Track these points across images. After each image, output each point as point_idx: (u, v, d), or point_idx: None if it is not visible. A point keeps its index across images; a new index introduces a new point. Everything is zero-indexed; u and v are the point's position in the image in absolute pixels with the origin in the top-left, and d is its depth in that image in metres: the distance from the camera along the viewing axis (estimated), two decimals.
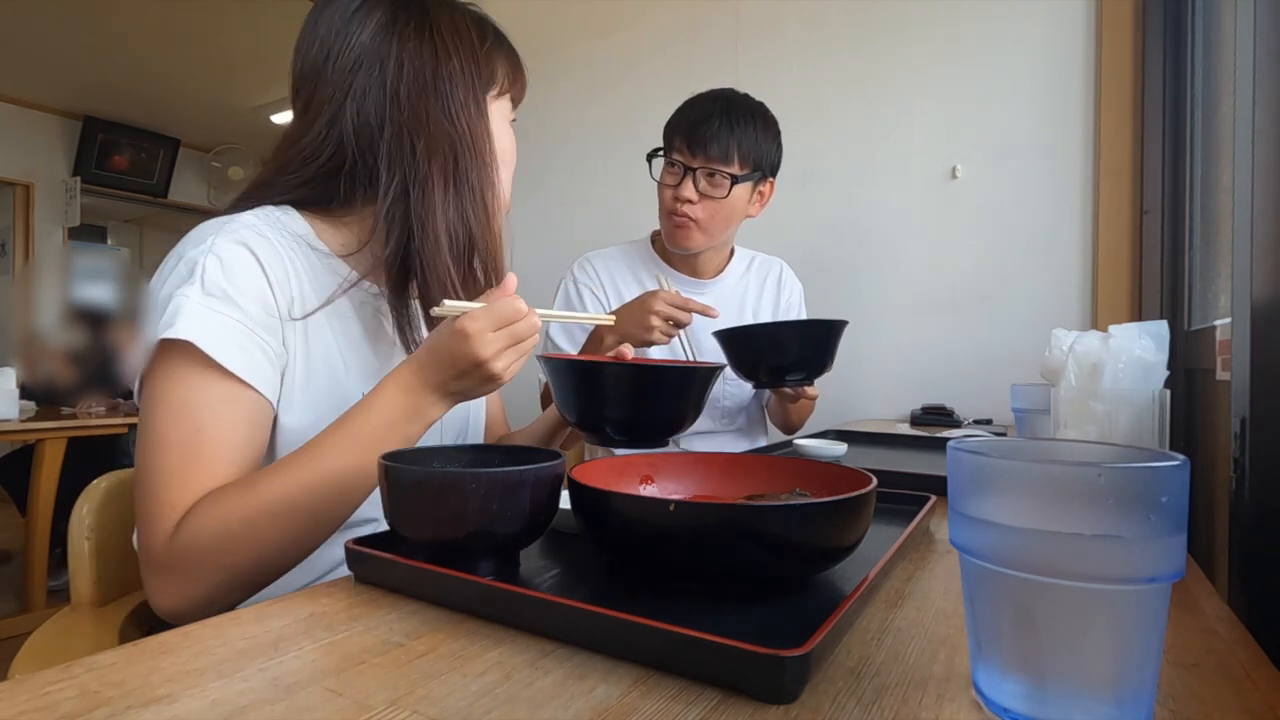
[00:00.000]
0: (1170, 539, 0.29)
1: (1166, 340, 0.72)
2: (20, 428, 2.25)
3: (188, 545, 0.57)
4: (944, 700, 0.35)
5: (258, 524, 0.57)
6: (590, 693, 0.35)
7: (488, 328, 0.59)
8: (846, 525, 0.46)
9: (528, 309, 0.60)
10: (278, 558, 0.60)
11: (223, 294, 0.62)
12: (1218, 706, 0.35)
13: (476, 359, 0.59)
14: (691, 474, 0.63)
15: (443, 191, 0.69)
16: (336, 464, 0.59)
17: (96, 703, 0.34)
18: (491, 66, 0.74)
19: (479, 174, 0.71)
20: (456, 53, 0.70)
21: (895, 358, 1.82)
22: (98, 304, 0.60)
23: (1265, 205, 0.58)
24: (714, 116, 1.19)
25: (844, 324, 1.06)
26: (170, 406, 0.60)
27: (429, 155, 0.68)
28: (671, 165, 1.24)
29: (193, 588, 0.58)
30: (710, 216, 1.23)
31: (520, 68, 0.78)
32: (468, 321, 0.59)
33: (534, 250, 2.31)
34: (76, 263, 0.62)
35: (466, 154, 0.70)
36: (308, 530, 0.60)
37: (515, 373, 0.63)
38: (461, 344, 0.59)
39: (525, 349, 0.62)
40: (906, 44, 1.81)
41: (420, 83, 0.69)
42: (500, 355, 0.60)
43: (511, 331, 0.60)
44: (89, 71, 4.05)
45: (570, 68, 2.30)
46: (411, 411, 0.61)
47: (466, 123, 0.70)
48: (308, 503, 0.58)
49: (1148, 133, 1.49)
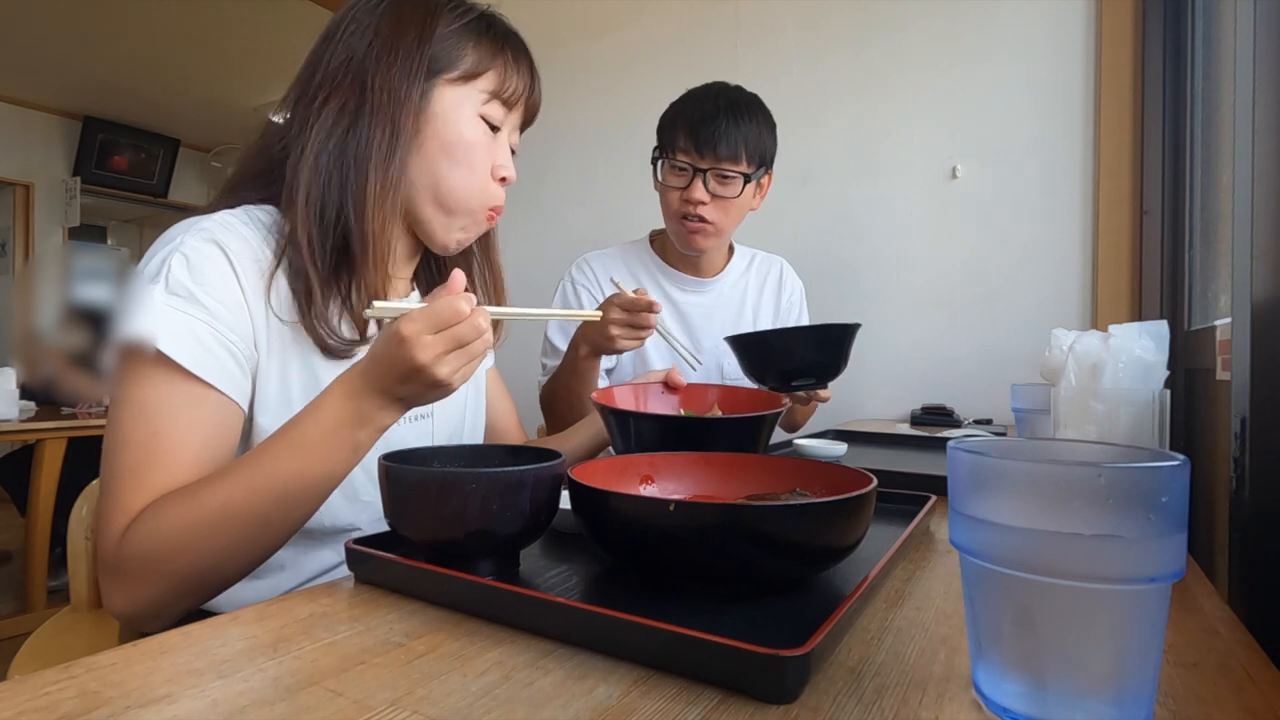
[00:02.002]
0: (1170, 539, 0.29)
1: (1166, 340, 0.71)
2: (20, 428, 2.25)
3: (133, 549, 0.56)
4: (944, 700, 0.35)
5: (200, 531, 0.55)
6: (590, 693, 0.35)
7: (424, 330, 0.53)
8: (846, 525, 0.46)
9: (470, 309, 0.54)
10: (224, 565, 0.58)
11: (187, 293, 0.60)
12: (1218, 706, 0.35)
13: (414, 364, 0.54)
14: (691, 474, 0.63)
15: (317, 151, 0.66)
16: (280, 471, 0.56)
17: (96, 703, 0.34)
18: (453, 48, 0.70)
19: (375, 140, 0.67)
20: (401, 27, 0.68)
21: (895, 358, 1.82)
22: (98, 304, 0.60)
23: (1265, 205, 0.58)
24: (719, 115, 1.16)
25: (857, 327, 1.04)
26: (131, 407, 0.59)
27: (319, 114, 0.67)
28: (678, 168, 1.20)
29: (139, 592, 0.56)
30: (722, 216, 1.22)
31: (505, 59, 0.73)
32: (403, 324, 0.54)
33: (533, 251, 2.31)
34: (76, 263, 0.62)
35: (366, 119, 0.67)
36: (252, 538, 0.57)
37: (466, 378, 0.57)
38: (398, 348, 0.54)
39: (474, 352, 0.56)
40: (907, 44, 1.81)
41: (349, 51, 0.68)
42: (441, 360, 0.54)
43: (452, 335, 0.54)
44: (89, 71, 4.05)
45: (570, 68, 2.30)
46: (356, 417, 0.57)
47: (381, 87, 0.67)
48: (250, 510, 0.56)
49: (1148, 133, 1.49)
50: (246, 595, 0.67)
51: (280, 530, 0.59)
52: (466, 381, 0.57)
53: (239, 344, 0.63)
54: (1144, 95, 1.50)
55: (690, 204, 1.20)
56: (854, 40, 1.88)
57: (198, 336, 0.60)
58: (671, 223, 1.26)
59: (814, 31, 1.94)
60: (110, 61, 3.92)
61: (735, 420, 0.76)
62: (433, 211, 0.72)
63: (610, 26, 2.27)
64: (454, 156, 0.71)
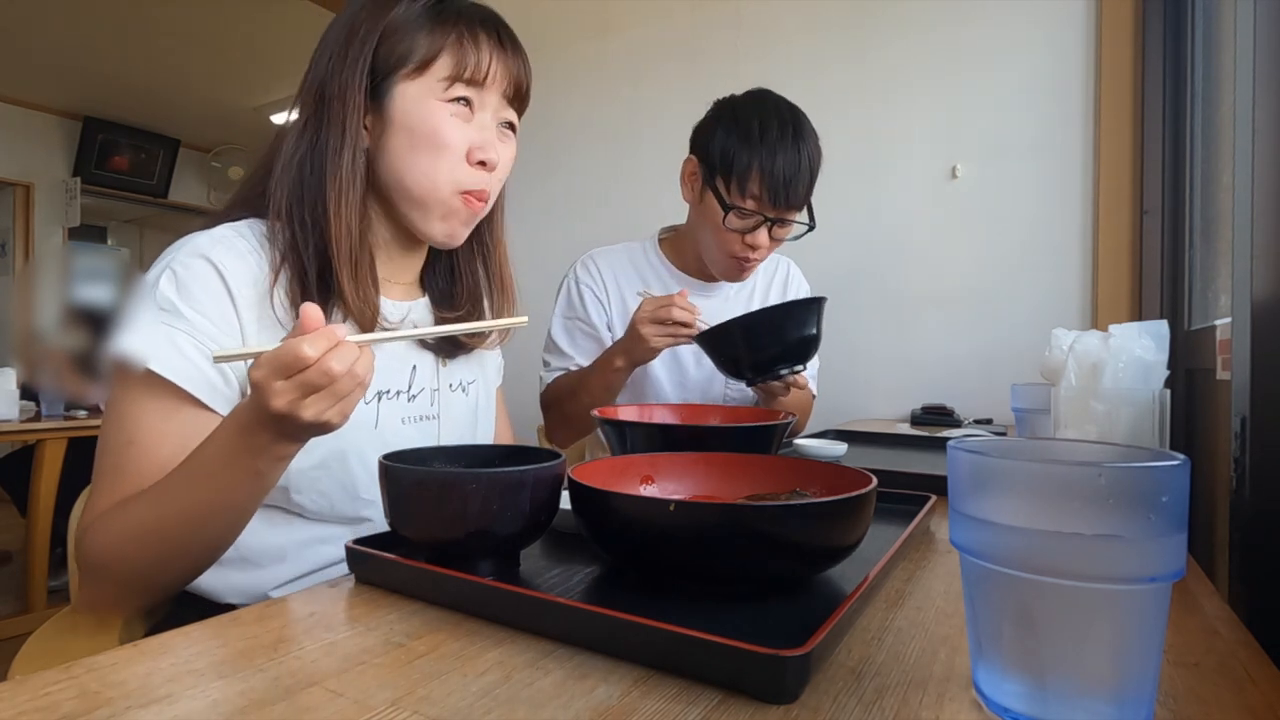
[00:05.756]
0: (1170, 539, 0.29)
1: (1166, 340, 0.71)
2: (20, 428, 2.25)
3: (84, 551, 0.60)
4: (944, 700, 0.35)
5: (128, 547, 0.58)
6: (590, 693, 0.35)
7: (271, 377, 0.50)
8: (846, 525, 0.46)
9: (317, 353, 0.49)
10: (157, 575, 0.60)
11: (171, 306, 0.62)
12: (1218, 706, 0.35)
13: (273, 411, 0.50)
14: (691, 474, 0.63)
15: (286, 164, 0.69)
16: (189, 497, 0.57)
17: (96, 703, 0.34)
18: (405, 42, 0.69)
19: (329, 149, 0.68)
20: (358, 32, 0.69)
21: (895, 358, 1.82)
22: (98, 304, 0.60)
23: (1265, 205, 0.58)
24: (803, 169, 1.11)
25: (823, 300, 1.02)
26: (113, 415, 0.62)
27: (295, 129, 0.70)
28: (745, 213, 1.13)
29: (93, 589, 0.61)
30: (769, 251, 1.20)
31: (459, 39, 0.70)
32: (252, 371, 0.51)
33: (533, 251, 2.31)
34: (76, 263, 0.62)
35: (323, 129, 0.69)
36: (175, 554, 0.59)
37: (347, 413, 0.53)
38: (257, 394, 0.51)
39: (340, 392, 0.51)
40: (907, 43, 1.81)
41: (316, 64, 0.71)
42: (299, 405, 0.50)
43: (300, 381, 0.49)
44: (89, 72, 4.05)
45: (570, 69, 2.30)
46: (249, 448, 0.54)
47: (335, 95, 0.69)
48: (164, 531, 0.57)
49: (1148, 133, 1.49)
50: (248, 584, 0.68)
51: (201, 550, 0.61)
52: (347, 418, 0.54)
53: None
54: (1144, 95, 1.50)
55: (752, 249, 1.16)
56: (854, 40, 1.89)
57: (179, 347, 0.61)
58: (723, 259, 1.21)
59: (815, 30, 1.94)
60: (110, 62, 3.92)
61: (745, 429, 0.75)
62: (406, 206, 0.72)
63: (610, 27, 2.26)
64: (416, 148, 0.70)
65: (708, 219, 1.19)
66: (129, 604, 0.62)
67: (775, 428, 0.77)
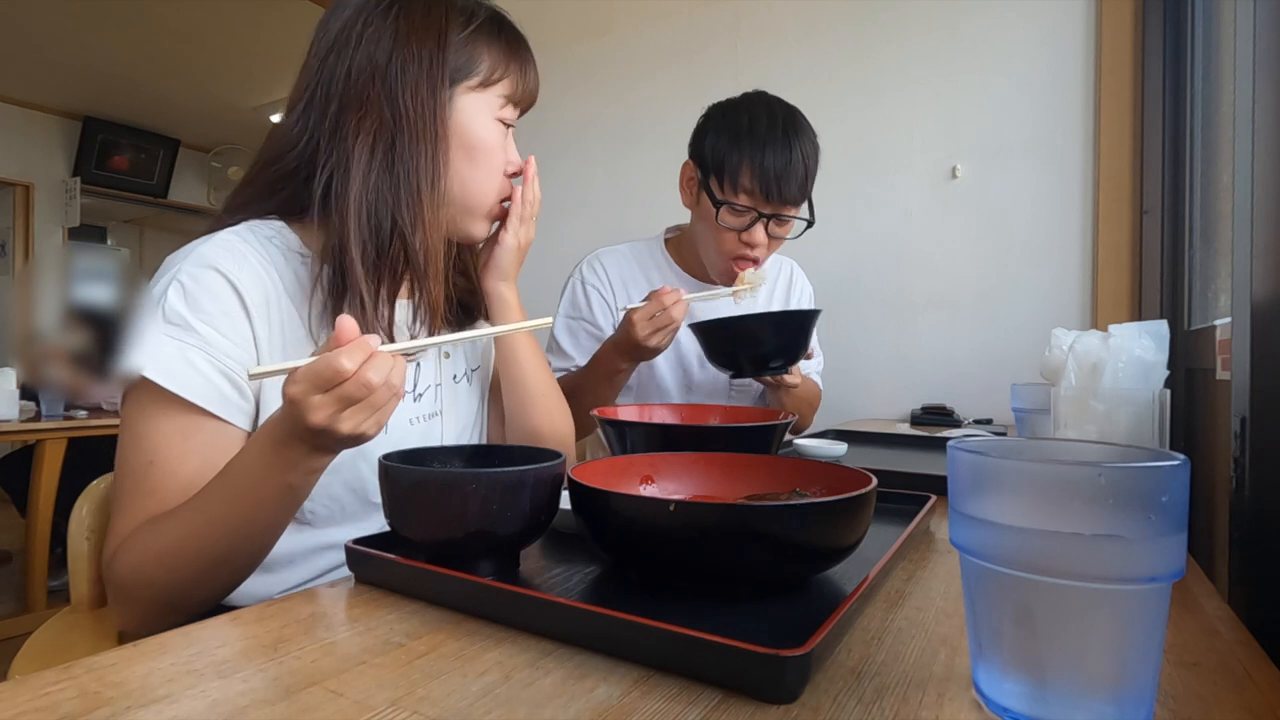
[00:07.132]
0: (1170, 539, 0.29)
1: (1166, 340, 0.71)
2: (20, 428, 2.25)
3: (115, 574, 0.59)
4: (944, 700, 0.35)
5: (160, 568, 0.57)
6: (590, 693, 0.35)
7: (309, 392, 0.50)
8: (846, 525, 0.46)
9: (355, 365, 0.49)
10: (190, 595, 0.59)
11: (182, 321, 0.61)
12: (1218, 706, 0.35)
13: (310, 426, 0.50)
14: (691, 474, 0.63)
15: (365, 170, 0.65)
16: (222, 513, 0.56)
17: (96, 703, 0.34)
18: (469, 55, 0.70)
19: (419, 160, 0.67)
20: (417, 35, 0.67)
21: (895, 357, 1.82)
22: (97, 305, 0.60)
23: (1265, 205, 0.58)
24: (795, 162, 1.09)
25: (817, 313, 1.05)
26: (130, 435, 0.61)
27: (357, 132, 0.65)
28: (738, 210, 1.13)
29: (126, 611, 0.60)
30: (769, 250, 1.19)
31: (518, 63, 0.74)
32: (287, 386, 0.51)
33: (532, 251, 2.31)
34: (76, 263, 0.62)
35: (405, 137, 0.66)
36: (206, 574, 0.58)
37: (382, 423, 0.53)
38: (291, 409, 0.51)
39: (376, 404, 0.51)
40: (907, 43, 1.81)
41: (371, 64, 0.66)
42: (337, 419, 0.50)
43: (338, 395, 0.49)
44: (89, 72, 4.05)
45: (571, 70, 2.30)
46: (282, 463, 0.54)
47: (412, 104, 0.66)
48: (199, 548, 0.57)
49: (1148, 133, 1.49)
50: (256, 589, 0.67)
51: (235, 566, 0.60)
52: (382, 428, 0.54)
53: (238, 369, 0.63)
54: (1144, 95, 1.50)
55: (749, 246, 1.15)
56: (854, 39, 1.89)
57: (192, 363, 0.60)
58: (720, 260, 1.20)
59: (814, 30, 1.94)
60: (110, 61, 3.92)
61: (745, 429, 0.76)
62: (455, 211, 0.73)
63: (610, 28, 2.26)
64: (474, 160, 0.72)
65: (705, 222, 1.19)
66: (163, 623, 0.59)
67: (775, 428, 0.77)
